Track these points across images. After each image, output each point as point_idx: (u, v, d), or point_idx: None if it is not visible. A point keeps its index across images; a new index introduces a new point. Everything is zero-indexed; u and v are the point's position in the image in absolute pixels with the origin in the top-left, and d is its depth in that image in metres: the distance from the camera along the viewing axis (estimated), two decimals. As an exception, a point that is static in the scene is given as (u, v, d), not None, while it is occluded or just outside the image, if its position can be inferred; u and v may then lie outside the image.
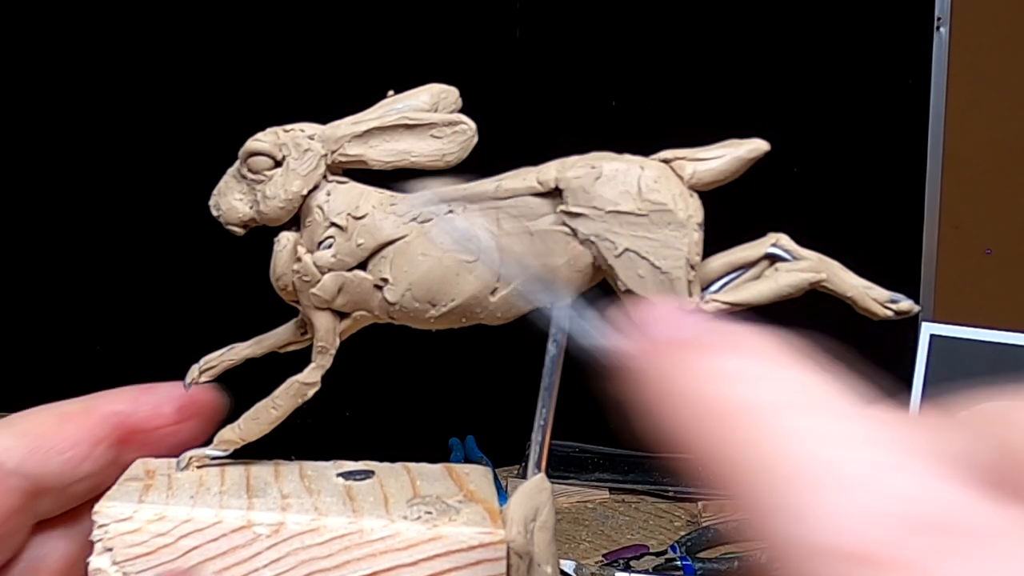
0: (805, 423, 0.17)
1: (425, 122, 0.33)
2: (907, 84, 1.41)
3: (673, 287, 0.31)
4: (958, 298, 1.43)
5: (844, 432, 0.17)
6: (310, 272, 0.33)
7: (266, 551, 0.31)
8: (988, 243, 1.47)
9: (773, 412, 0.18)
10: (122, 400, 0.35)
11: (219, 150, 0.37)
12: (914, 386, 1.04)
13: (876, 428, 0.17)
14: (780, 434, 0.17)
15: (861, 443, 0.17)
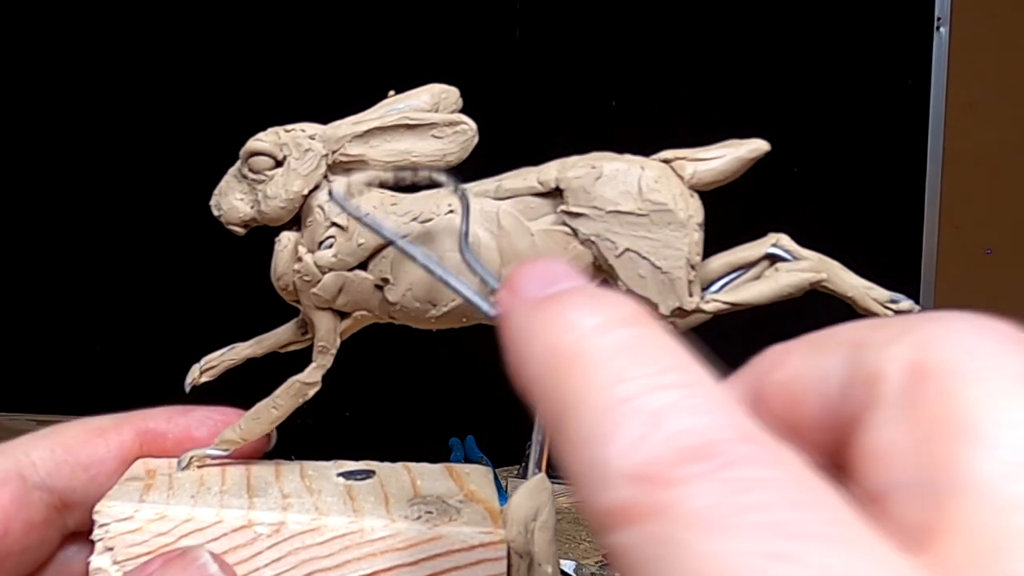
0: (623, 367, 0.19)
1: (426, 122, 0.33)
2: (907, 84, 1.41)
3: (674, 287, 0.31)
4: (958, 298, 1.43)
5: (652, 374, 0.19)
6: (311, 272, 0.33)
7: (267, 550, 0.31)
8: (988, 243, 1.47)
9: (598, 357, 0.19)
10: (156, 418, 0.36)
11: (220, 150, 0.37)
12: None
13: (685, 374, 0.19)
14: (598, 375, 0.19)
15: (665, 385, 0.19)
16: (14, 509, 0.32)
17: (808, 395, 0.21)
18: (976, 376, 0.18)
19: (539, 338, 0.20)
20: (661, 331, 0.20)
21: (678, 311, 0.31)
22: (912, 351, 0.19)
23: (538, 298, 0.21)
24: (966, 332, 0.19)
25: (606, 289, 0.21)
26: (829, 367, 0.20)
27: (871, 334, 0.20)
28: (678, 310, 0.31)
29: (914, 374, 0.19)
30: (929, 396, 0.18)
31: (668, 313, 0.31)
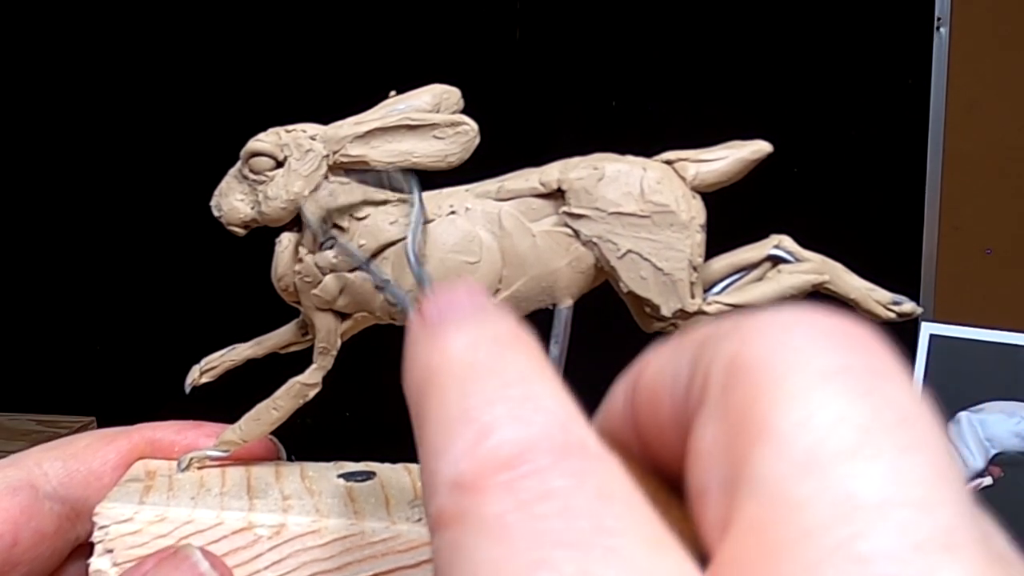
0: (472, 383, 0.20)
1: (427, 123, 0.33)
2: (907, 84, 1.41)
3: (676, 288, 0.31)
4: (958, 298, 1.43)
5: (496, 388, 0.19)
6: (312, 273, 0.33)
7: (267, 552, 0.30)
8: (988, 243, 1.47)
9: (454, 374, 0.20)
10: (165, 429, 0.36)
11: (220, 150, 0.37)
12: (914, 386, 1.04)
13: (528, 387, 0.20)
14: (450, 391, 0.20)
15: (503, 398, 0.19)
16: (24, 519, 0.32)
17: (664, 397, 0.21)
18: (779, 372, 0.18)
19: (417, 359, 0.21)
20: (528, 350, 0.21)
21: (680, 313, 0.31)
22: (733, 348, 0.19)
23: (432, 322, 0.22)
24: (781, 327, 0.19)
25: (498, 311, 0.22)
26: (679, 367, 0.20)
27: (713, 331, 0.20)
28: (680, 312, 0.31)
29: (730, 371, 0.19)
30: (737, 393, 0.18)
31: (670, 315, 0.31)
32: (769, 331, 0.19)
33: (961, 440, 1.02)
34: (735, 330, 0.19)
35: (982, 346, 1.03)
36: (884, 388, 0.19)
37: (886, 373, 0.19)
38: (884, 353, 0.19)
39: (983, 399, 1.02)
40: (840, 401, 0.18)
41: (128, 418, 0.39)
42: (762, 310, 0.20)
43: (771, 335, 0.19)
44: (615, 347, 1.13)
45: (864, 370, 0.19)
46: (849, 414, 0.18)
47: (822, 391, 0.18)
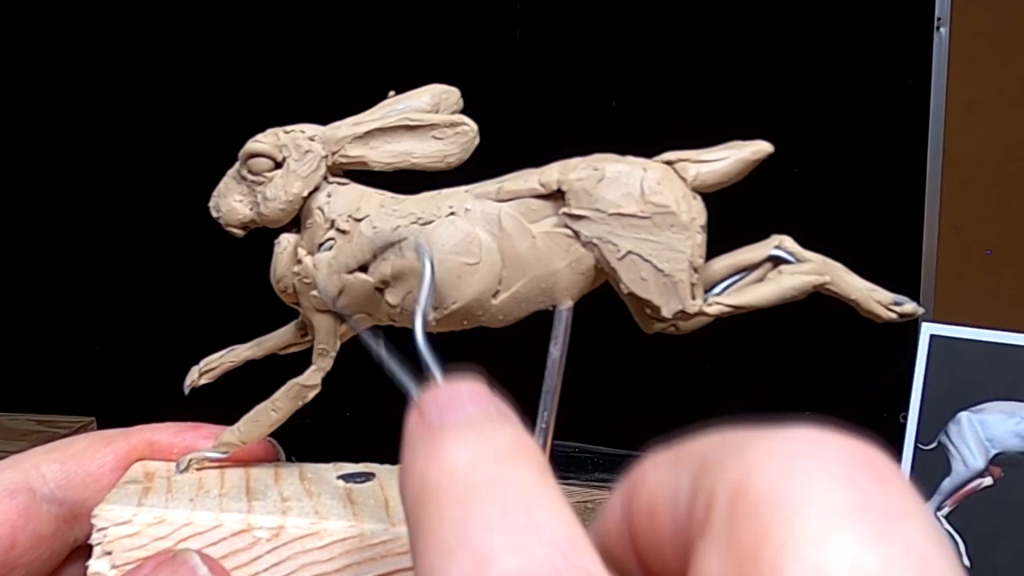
0: (471, 508, 0.19)
1: (426, 123, 0.33)
2: (907, 84, 1.41)
3: (676, 289, 0.31)
4: (958, 298, 1.43)
5: (496, 515, 0.19)
6: (311, 274, 0.33)
7: (266, 555, 0.30)
8: (988, 243, 1.47)
9: (452, 495, 0.20)
10: (164, 431, 0.36)
11: (219, 151, 0.37)
12: (914, 386, 1.04)
13: (530, 515, 0.19)
14: (448, 513, 0.19)
15: (503, 527, 0.19)
16: (22, 522, 0.32)
17: (662, 514, 0.20)
18: (790, 508, 0.18)
19: (416, 469, 0.21)
20: (530, 465, 0.20)
21: (681, 314, 0.31)
22: (738, 474, 0.18)
23: (432, 427, 0.21)
24: (790, 454, 0.18)
25: (501, 418, 0.22)
26: (680, 485, 0.20)
27: (716, 450, 0.20)
28: (681, 313, 0.31)
29: (735, 501, 0.18)
30: (744, 529, 0.18)
31: (671, 316, 0.31)
32: (778, 458, 0.18)
33: (961, 440, 1.02)
34: (741, 453, 0.19)
35: (982, 346, 1.03)
36: (901, 531, 0.18)
37: (903, 511, 0.18)
38: (901, 485, 0.19)
39: (983, 399, 1.02)
40: (855, 546, 0.17)
41: (128, 418, 0.39)
42: (768, 432, 0.19)
43: (780, 463, 0.18)
44: (615, 348, 1.12)
45: (879, 509, 0.18)
46: (864, 560, 0.17)
47: (836, 533, 0.17)
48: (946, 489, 1.02)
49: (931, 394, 1.03)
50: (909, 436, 1.03)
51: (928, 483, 1.02)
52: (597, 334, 0.64)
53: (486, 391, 0.23)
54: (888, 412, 1.28)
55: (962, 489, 1.01)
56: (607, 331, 0.60)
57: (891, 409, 1.26)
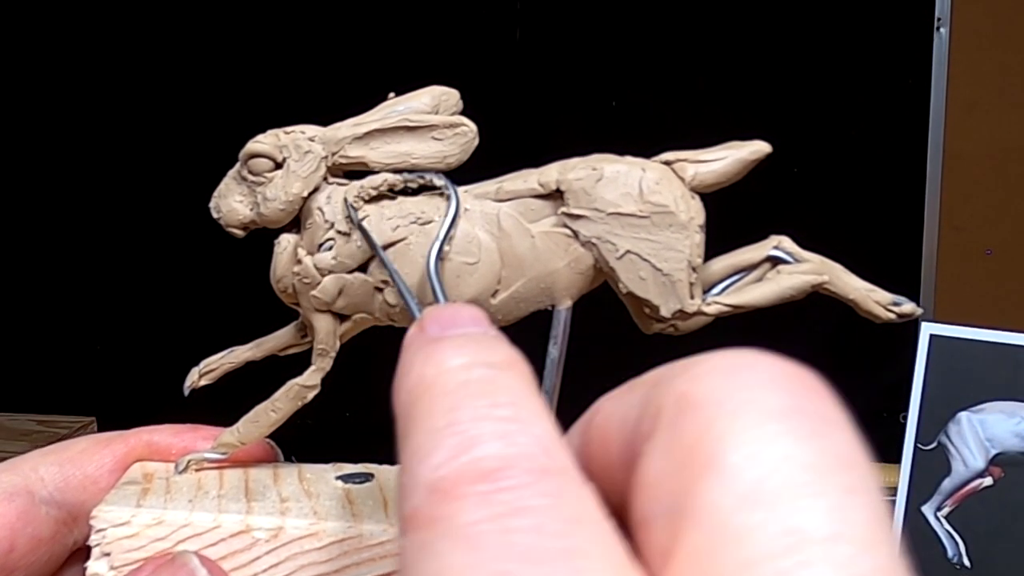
0: (463, 399, 0.20)
1: (426, 124, 0.33)
2: (907, 84, 1.41)
3: (675, 289, 0.31)
4: (958, 298, 1.43)
5: (486, 406, 0.20)
6: (310, 274, 0.33)
7: (265, 556, 0.30)
8: (988, 243, 1.47)
9: (446, 388, 0.21)
10: (163, 432, 0.36)
11: (219, 152, 0.37)
12: (914, 386, 1.04)
13: (518, 409, 0.20)
14: (440, 403, 0.20)
15: (493, 416, 0.20)
16: (21, 524, 0.32)
17: (613, 435, 0.21)
18: (729, 409, 0.19)
19: (412, 371, 0.22)
20: (521, 376, 0.21)
21: (679, 313, 0.31)
22: (683, 385, 0.20)
23: (431, 337, 0.22)
24: (731, 367, 0.20)
25: (497, 338, 0.23)
26: (631, 407, 0.21)
27: (666, 372, 0.21)
28: (679, 312, 0.31)
29: (679, 406, 0.19)
30: (687, 427, 0.19)
31: (669, 315, 0.31)
32: (720, 370, 0.20)
33: (961, 440, 1.02)
34: (686, 369, 0.20)
35: (982, 346, 1.03)
36: (830, 432, 0.19)
37: (832, 418, 0.20)
38: (830, 399, 0.20)
39: (983, 399, 1.02)
40: (788, 440, 0.19)
41: (128, 418, 0.39)
42: (713, 353, 0.20)
43: (722, 374, 0.20)
44: (615, 348, 1.13)
45: (811, 413, 0.19)
46: (796, 453, 0.18)
47: (771, 429, 0.19)
48: (946, 489, 1.02)
49: (931, 394, 1.03)
50: (909, 436, 1.03)
51: (928, 483, 1.02)
52: (596, 334, 0.64)
53: (486, 317, 0.24)
54: (888, 412, 1.28)
55: (962, 489, 1.01)
56: (606, 331, 0.60)
57: (891, 409, 1.26)
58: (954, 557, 1.00)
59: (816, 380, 0.20)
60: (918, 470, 1.02)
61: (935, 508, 1.02)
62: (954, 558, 1.00)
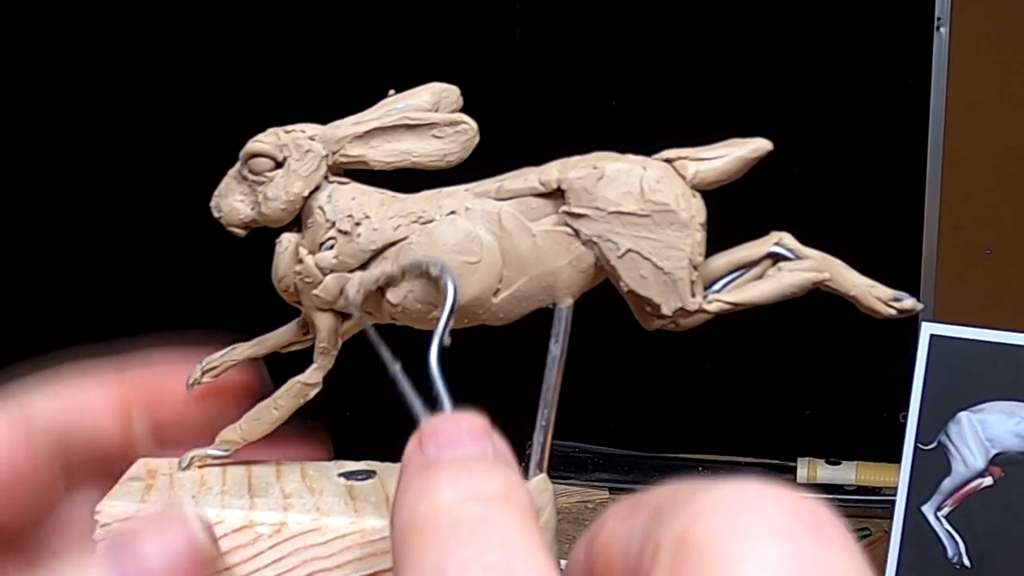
0: (452, 545, 0.20)
1: (426, 122, 0.33)
2: (907, 84, 1.41)
3: (676, 287, 0.31)
4: (958, 298, 1.43)
5: (475, 553, 0.20)
6: (312, 273, 0.33)
7: (268, 551, 0.31)
8: (988, 243, 1.47)
9: (436, 531, 0.20)
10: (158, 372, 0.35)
11: (220, 151, 0.37)
12: (914, 386, 1.04)
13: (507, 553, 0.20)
14: (430, 549, 0.20)
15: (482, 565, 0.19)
16: (21, 453, 0.32)
17: (615, 560, 0.21)
18: (730, 562, 0.18)
19: (407, 502, 0.21)
20: (516, 510, 0.21)
21: (680, 311, 0.31)
22: (684, 524, 0.19)
23: (428, 461, 0.22)
24: (734, 507, 0.19)
25: (495, 461, 0.22)
26: (634, 532, 0.20)
27: (668, 500, 0.20)
28: (680, 310, 0.31)
29: (679, 549, 0.19)
30: (685, 574, 0.18)
31: (671, 313, 0.31)
32: (723, 510, 0.19)
33: (961, 440, 1.02)
34: (689, 503, 0.19)
35: (982, 346, 1.03)
36: None
37: (840, 570, 0.18)
38: (841, 543, 0.19)
39: (983, 399, 1.02)
40: None
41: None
42: (716, 485, 0.20)
43: (725, 515, 0.19)
44: (616, 346, 1.12)
45: (817, 567, 0.18)
46: None
47: None
48: (946, 489, 1.02)
49: (931, 394, 1.03)
50: (909, 436, 1.03)
51: (928, 483, 1.02)
52: (597, 332, 0.64)
53: (487, 430, 0.23)
54: (888, 412, 1.28)
55: (962, 489, 1.01)
56: (607, 329, 0.60)
57: (891, 409, 1.26)
58: (954, 557, 1.00)
59: (826, 520, 0.19)
60: (918, 470, 1.02)
61: (935, 508, 1.02)
62: (954, 558, 1.00)
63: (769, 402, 1.36)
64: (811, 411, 1.36)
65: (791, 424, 1.35)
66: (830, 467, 1.27)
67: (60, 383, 0.34)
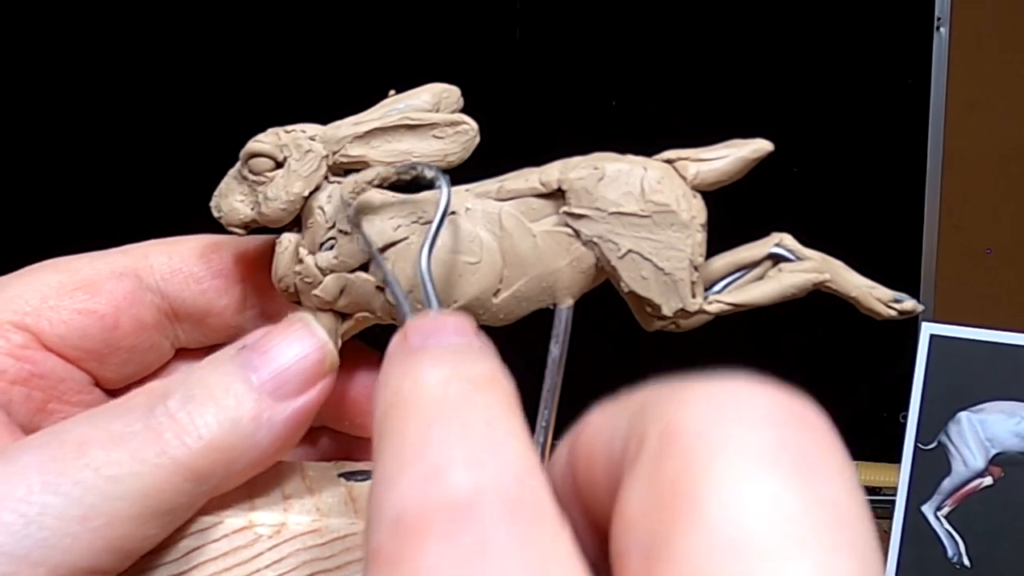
0: (436, 419, 0.20)
1: (427, 122, 0.33)
2: (907, 84, 1.41)
3: (677, 288, 0.31)
4: (958, 298, 1.43)
5: (459, 428, 0.19)
6: (312, 273, 0.33)
7: (267, 552, 0.31)
8: (988, 243, 1.47)
9: (420, 407, 0.20)
10: None
11: (220, 151, 0.37)
12: (914, 386, 1.04)
13: (493, 430, 0.19)
14: (412, 423, 0.20)
15: (464, 440, 0.19)
16: (126, 304, 0.32)
17: (599, 454, 0.21)
18: (712, 446, 0.18)
19: (390, 383, 0.21)
20: (500, 394, 0.21)
21: (681, 312, 0.31)
22: (670, 414, 0.19)
23: (412, 348, 0.22)
24: (719, 396, 0.19)
25: (480, 350, 0.22)
26: (618, 428, 0.20)
27: (653, 394, 0.20)
28: (681, 311, 0.31)
29: (663, 437, 0.18)
30: (668, 462, 0.18)
31: (671, 314, 0.31)
32: (706, 399, 0.19)
33: (961, 440, 1.02)
34: (673, 394, 0.19)
35: (982, 346, 1.03)
36: (821, 477, 0.18)
37: (824, 459, 0.18)
38: (825, 435, 0.19)
39: (983, 399, 1.02)
40: (772, 487, 0.17)
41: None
42: (701, 380, 0.19)
43: (708, 404, 0.19)
44: (616, 347, 1.12)
45: (801, 454, 0.18)
46: (780, 503, 0.17)
47: (754, 472, 0.17)
48: (946, 489, 1.02)
49: (931, 394, 1.03)
50: (909, 436, 1.03)
51: (928, 483, 1.02)
52: (598, 333, 0.64)
53: (472, 326, 0.23)
54: (888, 412, 1.28)
55: (962, 489, 1.01)
56: (608, 330, 0.60)
57: (891, 409, 1.26)
58: (954, 557, 1.00)
59: (812, 413, 0.19)
60: (918, 470, 1.02)
61: (935, 508, 1.02)
62: (954, 558, 1.00)
63: (769, 402, 1.36)
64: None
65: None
66: (830, 467, 1.27)
67: (177, 245, 0.34)
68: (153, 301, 0.33)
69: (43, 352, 0.32)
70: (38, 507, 0.26)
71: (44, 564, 0.25)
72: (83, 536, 0.26)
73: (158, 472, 0.27)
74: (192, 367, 0.30)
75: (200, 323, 0.34)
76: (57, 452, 0.27)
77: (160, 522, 0.28)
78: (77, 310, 0.32)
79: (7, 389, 0.31)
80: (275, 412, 0.29)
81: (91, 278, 0.32)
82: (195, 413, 0.28)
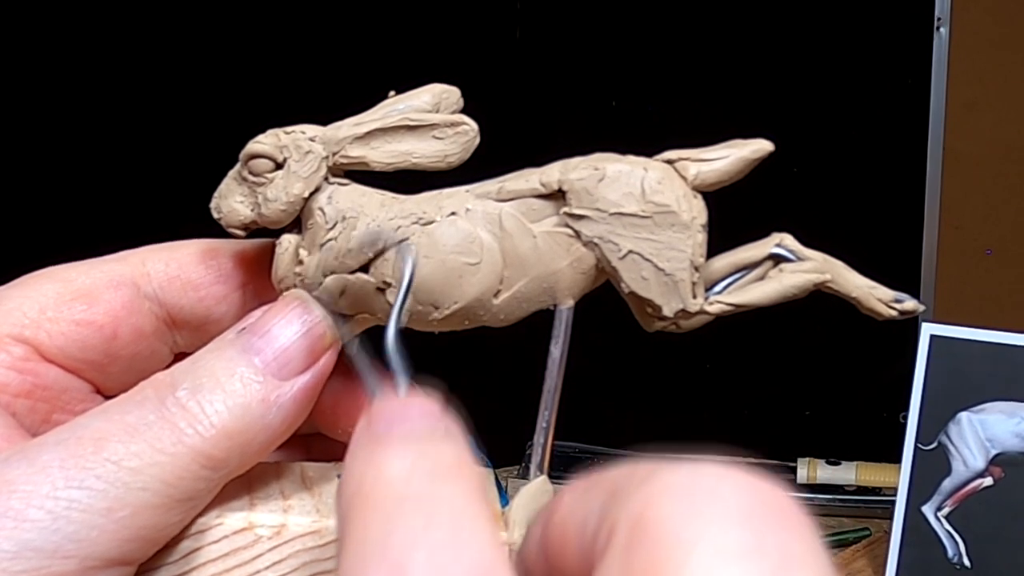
0: (396, 519, 0.19)
1: (427, 123, 0.33)
2: (907, 84, 1.41)
3: (677, 289, 0.31)
4: (958, 298, 1.43)
5: (420, 528, 0.19)
6: (312, 274, 0.33)
7: (267, 553, 0.30)
8: (988, 243, 1.47)
9: (382, 505, 0.20)
10: None
11: (220, 152, 0.37)
12: (914, 386, 1.04)
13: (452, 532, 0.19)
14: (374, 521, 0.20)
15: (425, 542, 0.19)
16: (125, 314, 0.32)
17: (571, 538, 0.20)
18: (685, 545, 0.17)
19: (353, 475, 0.21)
20: (465, 485, 0.20)
21: (682, 313, 0.31)
22: (640, 505, 0.18)
23: (377, 435, 0.21)
24: (692, 490, 0.18)
25: (446, 436, 0.22)
26: (589, 512, 0.20)
27: (625, 479, 0.20)
28: (682, 312, 0.31)
29: (634, 530, 0.18)
30: (639, 557, 0.18)
31: (672, 315, 0.31)
32: (680, 492, 0.18)
33: (961, 440, 1.02)
34: (646, 484, 0.19)
35: (982, 346, 1.03)
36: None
37: (798, 558, 0.18)
38: (800, 530, 0.18)
39: (983, 399, 1.02)
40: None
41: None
42: (677, 462, 0.19)
43: (682, 497, 0.18)
44: (616, 347, 1.12)
45: (775, 554, 0.18)
46: None
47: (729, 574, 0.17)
48: (946, 489, 1.02)
49: (931, 394, 1.03)
50: (909, 436, 1.03)
51: (928, 483, 1.02)
52: (598, 333, 0.64)
53: (438, 408, 0.23)
54: (888, 412, 1.28)
55: (962, 489, 1.01)
56: (608, 330, 0.60)
57: (891, 409, 1.26)
58: (954, 557, 1.00)
59: (785, 503, 0.18)
60: (918, 470, 1.02)
61: (935, 508, 1.02)
62: (954, 558, 1.00)
63: (769, 402, 1.36)
64: (811, 411, 1.36)
65: (791, 424, 1.35)
66: (830, 467, 1.27)
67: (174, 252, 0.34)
68: (151, 309, 0.33)
69: (44, 364, 0.32)
70: (64, 502, 0.26)
71: (74, 556, 0.25)
72: (109, 527, 0.26)
73: (176, 461, 0.28)
74: (195, 355, 0.30)
75: (199, 329, 0.34)
76: (76, 448, 0.27)
77: (182, 508, 0.29)
78: (75, 321, 0.32)
79: (11, 402, 0.31)
80: (282, 391, 0.29)
81: (88, 288, 0.32)
82: (205, 402, 0.28)
